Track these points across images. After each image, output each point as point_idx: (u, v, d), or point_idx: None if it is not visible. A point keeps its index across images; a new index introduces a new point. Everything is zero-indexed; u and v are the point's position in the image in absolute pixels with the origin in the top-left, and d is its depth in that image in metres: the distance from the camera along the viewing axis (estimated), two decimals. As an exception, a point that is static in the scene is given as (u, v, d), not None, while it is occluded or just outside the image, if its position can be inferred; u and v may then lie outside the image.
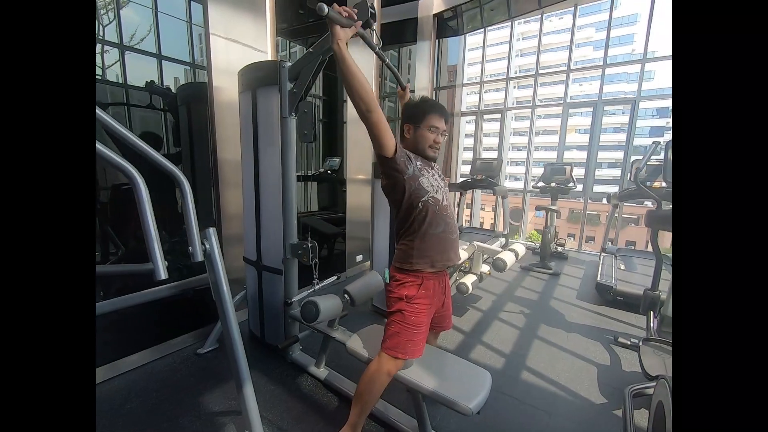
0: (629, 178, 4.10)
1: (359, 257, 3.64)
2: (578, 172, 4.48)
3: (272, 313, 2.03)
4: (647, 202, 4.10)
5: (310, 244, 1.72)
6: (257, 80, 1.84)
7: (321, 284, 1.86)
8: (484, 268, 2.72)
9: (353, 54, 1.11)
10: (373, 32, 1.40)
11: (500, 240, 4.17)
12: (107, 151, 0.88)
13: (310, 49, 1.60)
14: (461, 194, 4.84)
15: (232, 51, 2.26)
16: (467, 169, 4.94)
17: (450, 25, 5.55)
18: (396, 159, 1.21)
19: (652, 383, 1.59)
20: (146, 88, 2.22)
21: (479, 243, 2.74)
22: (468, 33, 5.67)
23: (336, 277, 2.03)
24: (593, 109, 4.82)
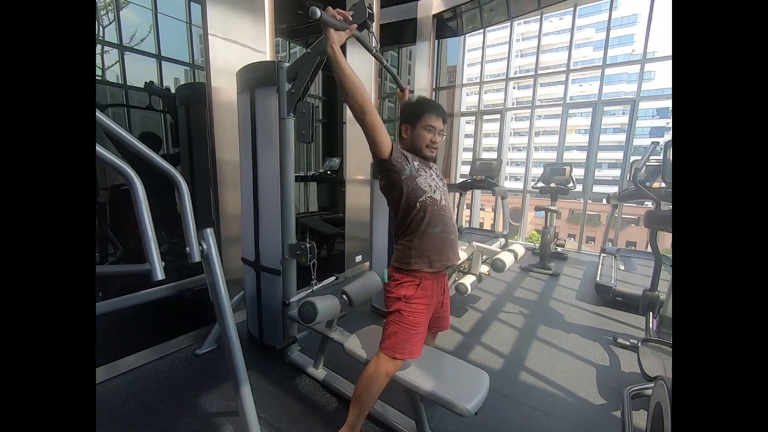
0: (628, 179, 4.10)
1: (359, 258, 3.64)
2: (578, 173, 4.48)
3: (271, 314, 2.02)
4: (647, 203, 4.09)
5: (309, 245, 1.72)
6: (255, 81, 1.83)
7: (319, 285, 1.85)
8: (483, 269, 2.71)
9: (353, 55, 1.11)
10: (371, 34, 1.39)
11: (500, 240, 4.16)
12: (104, 152, 0.88)
13: (308, 50, 1.60)
14: (461, 195, 4.84)
15: (231, 51, 2.26)
16: (467, 170, 4.94)
17: (449, 26, 5.55)
18: (392, 160, 1.21)
19: (651, 384, 1.58)
20: (145, 89, 2.22)
21: (478, 243, 2.74)
22: (467, 33, 5.67)
23: (335, 278, 2.03)
24: (593, 110, 4.83)
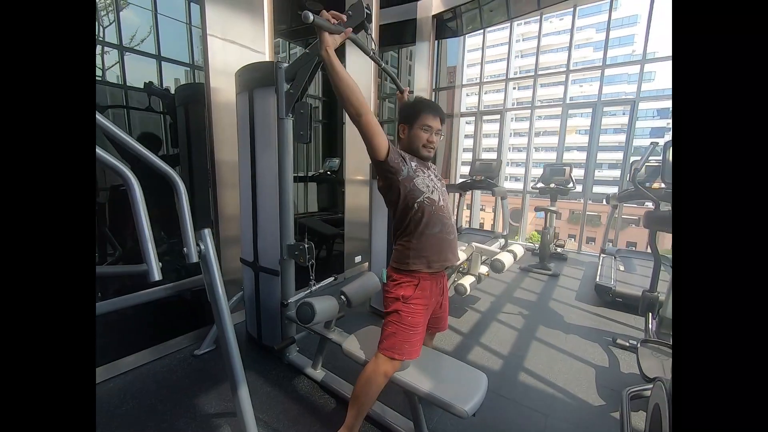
0: (628, 179, 4.10)
1: (358, 258, 3.64)
2: (578, 173, 4.48)
3: (269, 315, 2.02)
4: (647, 203, 4.09)
5: (307, 245, 1.71)
6: (254, 81, 1.83)
7: (318, 285, 1.85)
8: (483, 269, 2.71)
9: (352, 56, 1.10)
10: (369, 36, 1.38)
11: (499, 241, 4.16)
12: (101, 152, 0.87)
13: (307, 50, 1.60)
14: (461, 195, 4.83)
15: (230, 52, 2.25)
16: (467, 170, 4.93)
17: (449, 26, 5.55)
18: (389, 161, 1.20)
19: (650, 385, 1.58)
20: (145, 89, 2.21)
21: (477, 244, 2.73)
22: (467, 34, 5.67)
23: (333, 278, 2.02)
24: (593, 110, 4.82)
